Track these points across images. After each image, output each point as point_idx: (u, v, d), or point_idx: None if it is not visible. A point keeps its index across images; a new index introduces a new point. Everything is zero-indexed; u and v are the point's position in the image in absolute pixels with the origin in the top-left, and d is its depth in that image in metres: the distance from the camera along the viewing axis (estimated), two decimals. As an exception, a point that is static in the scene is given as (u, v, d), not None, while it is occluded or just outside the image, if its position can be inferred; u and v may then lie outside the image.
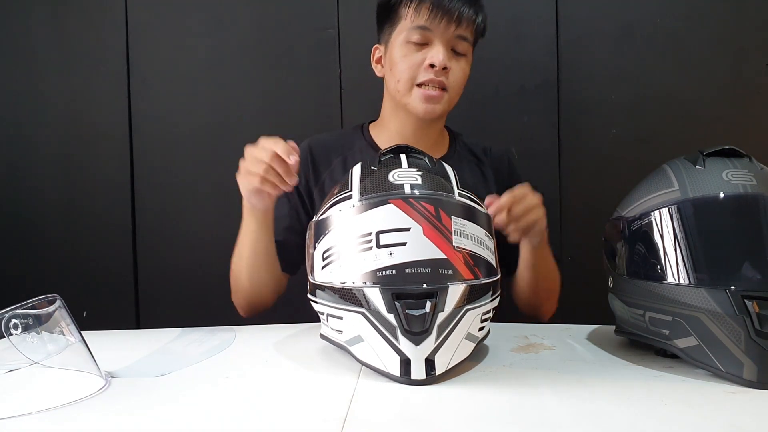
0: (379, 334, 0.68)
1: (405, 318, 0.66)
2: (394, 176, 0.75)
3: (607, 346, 0.83)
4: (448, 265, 0.69)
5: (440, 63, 1.07)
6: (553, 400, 0.63)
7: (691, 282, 0.70)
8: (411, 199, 0.72)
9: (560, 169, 1.52)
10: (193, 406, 0.63)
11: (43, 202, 1.57)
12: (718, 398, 0.63)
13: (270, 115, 1.54)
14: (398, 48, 1.11)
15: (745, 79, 1.49)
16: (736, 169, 0.73)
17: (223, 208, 1.55)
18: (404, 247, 0.69)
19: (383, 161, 0.79)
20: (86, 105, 1.57)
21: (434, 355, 0.68)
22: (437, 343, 0.67)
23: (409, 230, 0.70)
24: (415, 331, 0.66)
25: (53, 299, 0.71)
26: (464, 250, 0.71)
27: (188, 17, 1.55)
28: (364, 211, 0.73)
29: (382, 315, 0.67)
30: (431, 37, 1.08)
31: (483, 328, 0.75)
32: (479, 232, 0.75)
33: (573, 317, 1.08)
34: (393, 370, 0.68)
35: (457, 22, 1.08)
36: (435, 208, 0.71)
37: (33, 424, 0.59)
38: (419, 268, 0.68)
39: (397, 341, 0.67)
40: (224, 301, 1.56)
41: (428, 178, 0.75)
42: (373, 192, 0.74)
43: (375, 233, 0.70)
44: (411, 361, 0.67)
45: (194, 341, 0.90)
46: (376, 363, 0.70)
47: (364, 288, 0.69)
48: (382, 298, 0.67)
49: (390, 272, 0.68)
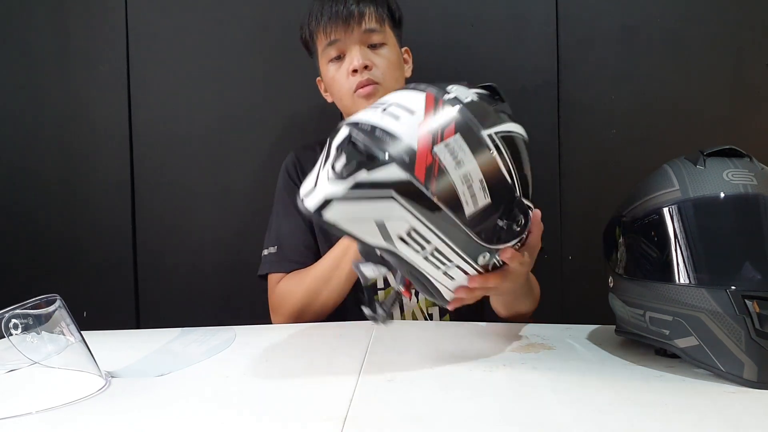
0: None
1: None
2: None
3: (607, 346, 0.83)
4: (411, 154, 0.67)
5: (359, 64, 1.11)
6: (553, 400, 0.63)
7: (692, 282, 0.70)
8: (441, 100, 0.71)
9: (560, 169, 1.52)
10: (193, 406, 0.63)
11: (43, 202, 1.57)
12: (718, 398, 0.63)
13: (270, 115, 1.54)
14: (326, 71, 1.18)
15: (745, 79, 1.49)
16: (737, 168, 0.73)
17: (223, 208, 1.55)
18: (396, 122, 0.69)
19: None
20: (86, 105, 1.56)
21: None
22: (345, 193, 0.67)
23: (413, 114, 0.69)
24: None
25: (53, 299, 0.71)
26: (440, 163, 0.68)
27: (188, 17, 1.55)
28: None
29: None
30: (343, 47, 1.14)
31: (407, 243, 0.70)
32: (476, 173, 0.70)
33: (573, 317, 1.08)
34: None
35: (353, 21, 1.12)
36: (454, 123, 0.69)
37: (33, 424, 0.59)
38: (385, 136, 0.68)
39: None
40: (224, 301, 1.57)
41: (476, 106, 0.73)
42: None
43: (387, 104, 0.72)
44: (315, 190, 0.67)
45: (194, 341, 0.90)
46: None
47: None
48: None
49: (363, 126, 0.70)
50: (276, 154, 1.43)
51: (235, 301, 1.51)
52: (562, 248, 1.51)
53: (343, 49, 1.14)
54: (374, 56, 1.14)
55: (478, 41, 1.48)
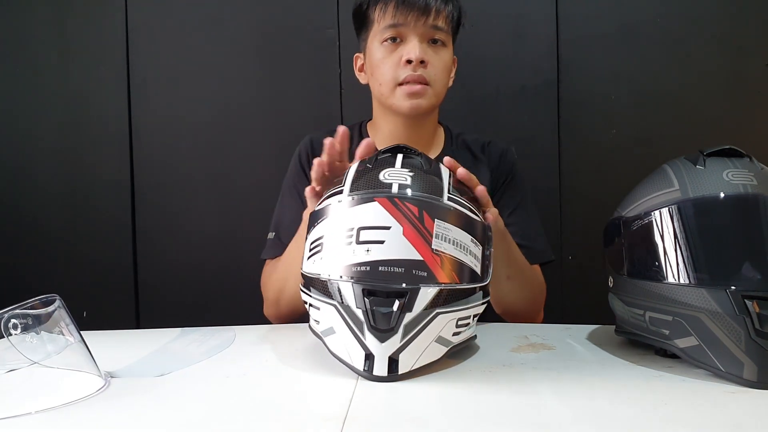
0: (348, 328, 0.69)
1: (372, 314, 0.67)
2: (385, 175, 0.75)
3: (607, 346, 0.83)
4: (424, 266, 0.69)
5: (416, 57, 1.06)
6: (553, 400, 0.63)
7: (692, 282, 0.70)
8: (396, 198, 0.72)
9: (560, 169, 1.52)
10: (193, 406, 0.63)
11: (43, 202, 1.57)
12: (718, 398, 0.63)
13: (270, 115, 1.54)
14: (375, 51, 1.11)
15: (745, 79, 1.49)
16: (737, 168, 0.73)
17: (223, 207, 1.55)
18: (382, 245, 0.70)
19: (379, 160, 0.79)
20: (86, 105, 1.57)
21: (398, 354, 0.68)
22: (402, 343, 0.68)
23: (390, 229, 0.70)
24: (380, 328, 0.67)
25: (52, 299, 0.71)
26: (444, 253, 0.71)
27: (188, 17, 1.55)
28: (351, 207, 0.73)
29: (351, 309, 0.69)
30: (404, 33, 1.08)
31: (460, 333, 0.74)
32: (464, 237, 0.74)
33: (573, 317, 1.08)
34: (357, 364, 0.69)
35: (427, 14, 1.07)
36: (419, 209, 0.72)
37: (33, 424, 0.59)
38: (393, 267, 0.69)
39: (363, 336, 0.68)
40: (224, 301, 1.57)
41: (418, 179, 0.75)
42: (362, 189, 0.74)
43: (356, 229, 0.71)
44: (374, 357, 0.68)
45: (194, 341, 0.90)
46: (344, 356, 0.71)
47: (338, 282, 0.70)
48: (353, 293, 0.69)
49: (364, 268, 0.69)
50: (276, 153, 1.43)
51: (235, 301, 1.51)
52: (562, 248, 1.51)
53: (404, 35, 1.09)
54: (433, 54, 1.09)
55: (478, 41, 1.48)
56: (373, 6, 1.12)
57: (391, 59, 1.09)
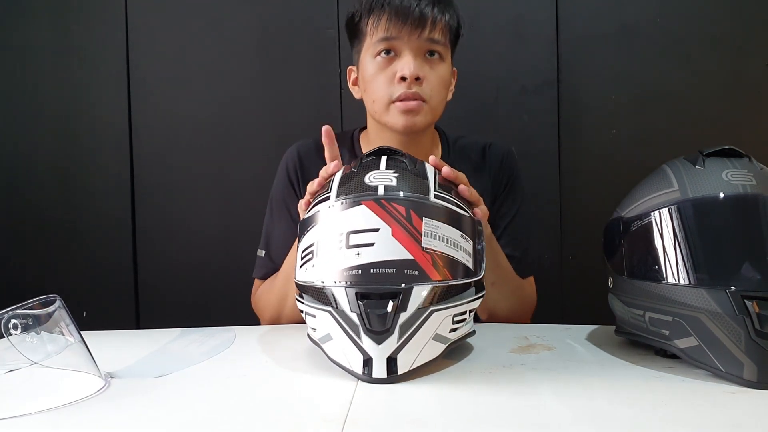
0: (345, 333, 0.69)
1: (367, 317, 0.67)
2: (370, 178, 0.75)
3: (607, 346, 0.83)
4: (415, 266, 0.69)
5: (411, 74, 1.00)
6: (553, 400, 0.63)
7: (691, 282, 0.70)
8: (383, 200, 0.72)
9: (560, 169, 1.52)
10: (193, 407, 0.63)
11: (43, 202, 1.57)
12: (718, 398, 0.63)
13: (270, 115, 1.54)
14: (368, 65, 1.05)
15: (745, 79, 1.49)
16: (736, 169, 0.73)
17: (223, 207, 1.56)
18: (372, 248, 0.70)
19: (363, 163, 0.79)
20: (86, 105, 1.57)
21: (396, 354, 0.68)
22: (400, 343, 0.68)
23: (378, 231, 0.70)
24: (376, 330, 0.67)
25: (53, 299, 0.71)
26: (434, 251, 0.71)
27: (188, 17, 1.55)
28: (339, 212, 0.73)
29: (346, 314, 0.69)
30: (399, 47, 1.02)
31: (457, 329, 0.74)
32: (453, 233, 0.74)
33: (573, 317, 1.08)
34: (356, 368, 0.69)
35: (422, 26, 1.00)
36: (406, 209, 0.72)
37: (33, 424, 0.59)
38: (384, 269, 0.69)
39: (360, 340, 0.68)
40: (224, 301, 1.57)
41: (404, 179, 0.75)
42: (349, 193, 0.74)
43: (346, 233, 0.71)
44: (373, 359, 0.68)
45: (194, 341, 0.90)
46: (343, 361, 0.71)
47: (332, 287, 0.70)
48: (346, 297, 0.69)
49: (356, 272, 0.69)
50: (276, 154, 1.42)
51: (235, 302, 1.51)
52: (562, 248, 1.51)
53: (398, 49, 1.02)
54: (429, 69, 1.02)
55: (478, 41, 1.48)
56: (365, 18, 1.05)
57: (384, 75, 1.03)
